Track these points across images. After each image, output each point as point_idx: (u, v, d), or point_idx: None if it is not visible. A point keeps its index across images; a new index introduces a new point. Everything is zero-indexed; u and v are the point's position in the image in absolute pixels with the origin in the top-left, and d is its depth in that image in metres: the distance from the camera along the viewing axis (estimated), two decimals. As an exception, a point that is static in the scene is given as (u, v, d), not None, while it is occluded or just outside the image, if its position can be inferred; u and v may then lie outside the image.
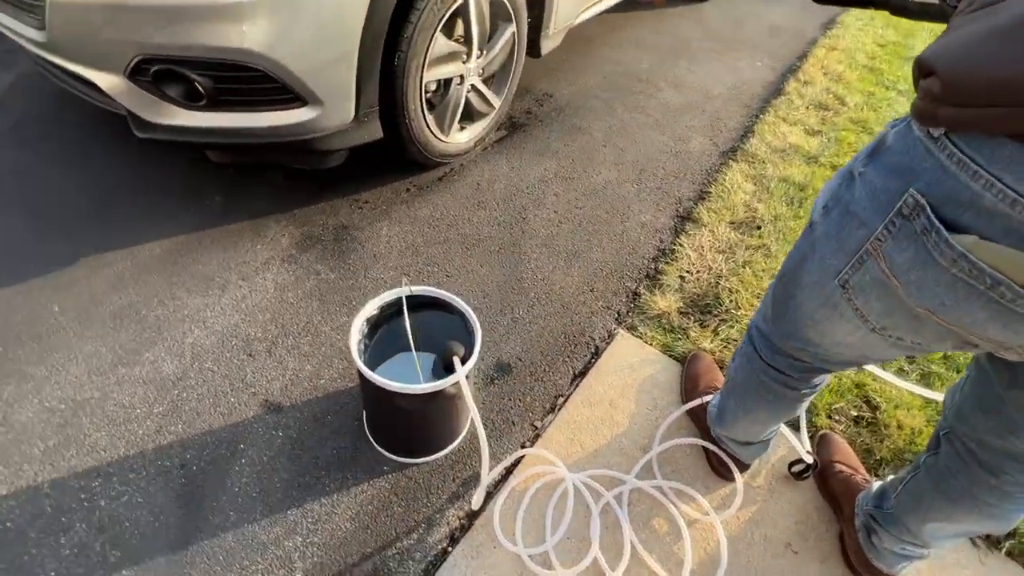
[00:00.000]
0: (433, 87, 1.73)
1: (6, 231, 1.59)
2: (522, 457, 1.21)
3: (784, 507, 1.16)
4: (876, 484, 1.04)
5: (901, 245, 0.53)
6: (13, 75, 2.16)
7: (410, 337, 1.03)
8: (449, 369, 1.05)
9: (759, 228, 1.81)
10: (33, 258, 1.53)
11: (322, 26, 1.28)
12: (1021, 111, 0.41)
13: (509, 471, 1.19)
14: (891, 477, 1.01)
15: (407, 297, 1.13)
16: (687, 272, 1.66)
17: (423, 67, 1.57)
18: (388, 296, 1.12)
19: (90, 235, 1.60)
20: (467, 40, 1.70)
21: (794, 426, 1.27)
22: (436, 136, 1.79)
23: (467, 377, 1.02)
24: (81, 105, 1.93)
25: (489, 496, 1.15)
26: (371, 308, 1.10)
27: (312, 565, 1.03)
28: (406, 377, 1.01)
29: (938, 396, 1.30)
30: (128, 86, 1.31)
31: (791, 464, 1.20)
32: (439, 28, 1.55)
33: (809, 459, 1.16)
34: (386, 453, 1.19)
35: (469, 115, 1.94)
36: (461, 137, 1.94)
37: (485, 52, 1.80)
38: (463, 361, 1.02)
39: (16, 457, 1.15)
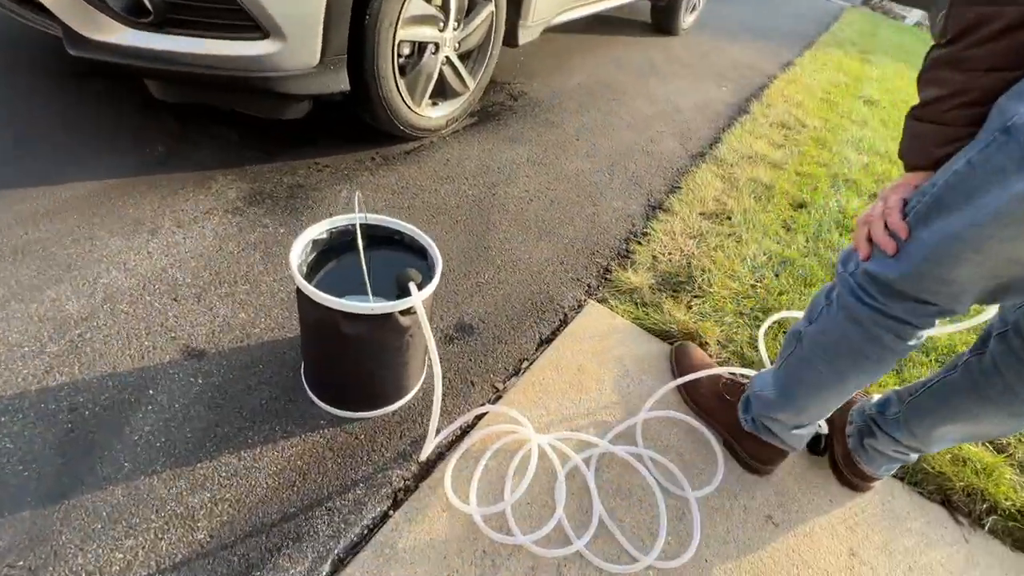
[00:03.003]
0: (407, 51, 1.67)
1: (-101, 158, 1.39)
2: (482, 415, 1.07)
3: (764, 480, 1.07)
4: (876, 395, 1.06)
5: None
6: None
7: (361, 250, 0.90)
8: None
9: (730, 219, 1.80)
10: (-73, 186, 1.33)
11: (292, -50, 1.21)
12: None
13: (465, 431, 1.06)
14: (895, 388, 1.01)
15: (362, 225, 1.01)
16: (659, 253, 1.61)
17: (397, 22, 1.51)
18: (340, 220, 1.00)
19: (7, 169, 1.42)
20: (445, 8, 1.67)
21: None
22: (407, 104, 1.72)
23: (423, 307, 0.90)
24: (13, 40, 1.77)
25: (440, 456, 1.01)
26: (319, 229, 0.98)
27: (219, 524, 0.85)
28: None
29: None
30: (66, -6, 1.19)
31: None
32: (417, -14, 1.51)
33: (824, 430, 1.09)
34: (324, 406, 1.03)
35: (443, 92, 1.90)
36: (433, 113, 1.88)
37: (462, 25, 1.77)
38: (420, 288, 0.90)
39: None
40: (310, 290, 0.84)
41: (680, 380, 1.15)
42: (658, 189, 1.96)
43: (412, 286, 0.89)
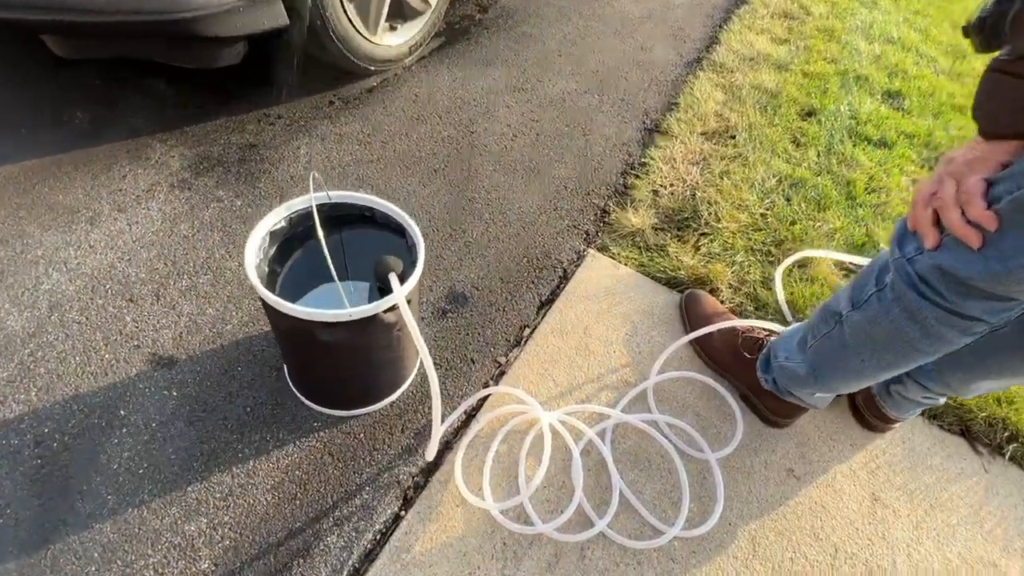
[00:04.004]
0: (350, -34, 1.39)
1: None
2: (486, 397, 1.01)
3: (783, 431, 1.03)
4: None
5: None
6: None
7: (323, 243, 0.77)
8: (387, 293, 0.81)
9: (734, 137, 1.64)
10: None
11: None
12: None
13: (471, 415, 0.99)
14: None
15: (325, 206, 0.87)
16: (660, 186, 1.47)
17: (334, -70, 1.24)
18: (298, 204, 0.86)
19: (-102, 161, 1.22)
20: (389, -96, 1.37)
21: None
22: (360, 33, 1.47)
23: (408, 300, 0.79)
24: None
25: (448, 446, 0.95)
26: (274, 218, 0.84)
27: (223, 550, 0.80)
28: (332, 308, 0.77)
29: None
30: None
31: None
32: None
33: None
34: (315, 407, 0.96)
35: (401, 13, 1.63)
36: (392, 40, 1.62)
37: (414, -75, 1.48)
38: (402, 278, 0.78)
39: None
40: (274, 300, 0.73)
41: (690, 336, 1.08)
42: (653, 108, 1.76)
43: (393, 279, 0.77)
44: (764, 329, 1.05)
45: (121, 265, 1.12)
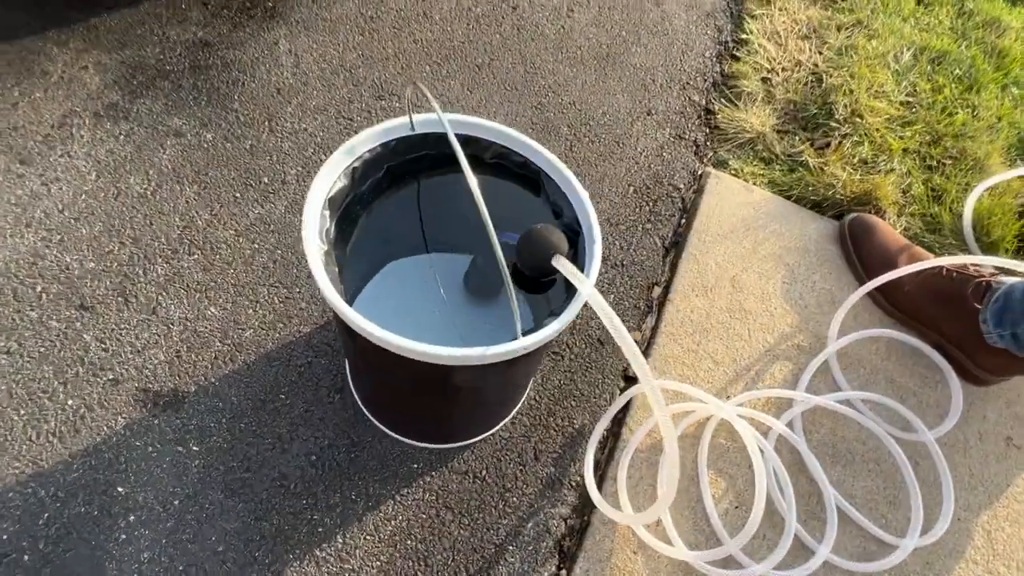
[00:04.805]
0: None
1: None
2: (632, 398, 0.74)
3: (989, 391, 0.83)
4: None
5: None
6: None
7: (485, 214, 0.44)
8: (525, 283, 0.50)
9: (846, -2, 1.27)
10: None
11: None
12: None
13: (618, 420, 0.73)
14: None
15: (393, 144, 0.50)
16: (770, 71, 1.12)
17: None
18: (363, 145, 0.49)
19: None
20: None
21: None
22: None
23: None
24: None
25: (596, 467, 0.70)
26: (330, 177, 0.48)
27: None
28: (415, 305, 0.45)
29: None
30: None
31: None
32: None
33: None
34: (406, 440, 0.67)
35: None
36: None
37: None
38: (576, 262, 0.46)
39: None
40: (415, 349, 0.40)
41: (877, 281, 0.81)
42: (733, -38, 1.34)
43: (564, 265, 0.45)
44: (990, 267, 0.79)
45: (52, 252, 0.73)
